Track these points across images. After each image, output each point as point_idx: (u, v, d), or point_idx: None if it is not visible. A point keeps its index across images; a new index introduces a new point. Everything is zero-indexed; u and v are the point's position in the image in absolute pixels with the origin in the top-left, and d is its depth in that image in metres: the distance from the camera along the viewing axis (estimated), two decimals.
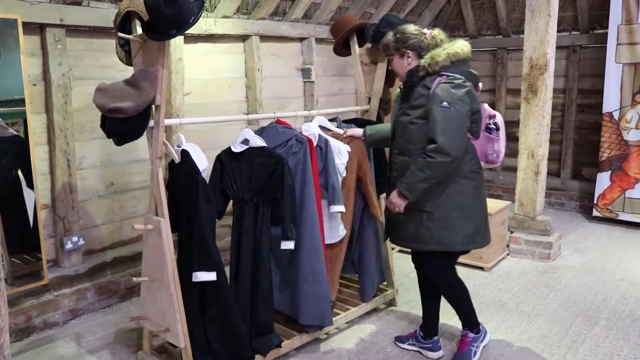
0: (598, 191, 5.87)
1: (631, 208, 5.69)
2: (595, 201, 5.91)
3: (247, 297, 2.95)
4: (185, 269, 2.67)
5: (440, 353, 3.17)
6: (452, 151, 2.64)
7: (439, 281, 3.03)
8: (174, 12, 2.24)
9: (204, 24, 4.15)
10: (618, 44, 5.56)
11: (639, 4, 5.38)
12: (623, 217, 5.74)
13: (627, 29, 5.49)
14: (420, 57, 2.83)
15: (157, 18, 2.27)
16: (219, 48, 4.49)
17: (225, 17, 4.33)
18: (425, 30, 2.87)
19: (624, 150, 5.66)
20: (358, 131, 3.39)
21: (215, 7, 4.25)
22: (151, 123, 2.52)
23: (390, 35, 2.91)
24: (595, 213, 5.94)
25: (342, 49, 3.83)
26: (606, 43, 5.67)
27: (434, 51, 2.77)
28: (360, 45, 3.76)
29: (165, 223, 2.58)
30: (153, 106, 2.49)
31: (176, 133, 3.96)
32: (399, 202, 2.80)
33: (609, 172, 5.77)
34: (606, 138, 5.76)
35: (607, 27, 5.66)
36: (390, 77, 3.78)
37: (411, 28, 2.88)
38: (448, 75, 2.71)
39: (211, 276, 2.62)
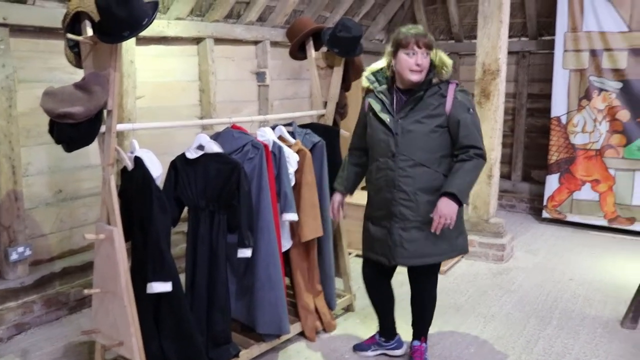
0: (547, 193, 6.04)
1: (578, 209, 5.88)
2: (544, 203, 6.08)
3: (203, 306, 2.88)
4: (139, 279, 2.58)
5: (405, 348, 3.22)
6: (485, 155, 2.73)
7: (432, 293, 3.03)
8: (126, 13, 2.15)
9: (156, 26, 4.05)
10: (565, 51, 5.74)
11: (583, 12, 5.57)
12: (571, 218, 5.93)
13: (572, 37, 5.67)
14: None
15: (108, 19, 2.18)
16: (172, 50, 4.39)
17: (178, 19, 4.24)
18: None
19: (571, 154, 5.84)
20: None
21: (168, 8, 4.15)
22: (103, 128, 2.42)
23: (427, 32, 2.75)
24: (544, 214, 6.10)
25: (298, 52, 3.79)
26: (553, 49, 5.84)
27: (442, 58, 2.74)
28: (316, 49, 3.74)
29: (117, 232, 2.48)
30: (105, 111, 2.40)
31: (128, 138, 3.85)
32: (453, 212, 2.62)
33: (558, 175, 5.95)
34: (554, 141, 5.93)
35: (554, 34, 5.84)
36: (346, 81, 3.77)
37: None
38: (457, 83, 2.76)
39: (166, 287, 2.54)
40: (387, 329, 3.21)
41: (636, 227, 5.59)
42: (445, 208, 2.62)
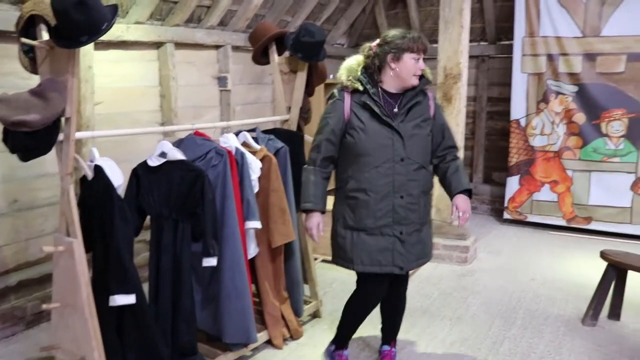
0: (508, 195, 6.15)
1: (538, 210, 6.01)
2: (505, 204, 6.20)
3: (168, 317, 2.81)
4: (100, 292, 2.49)
5: None
6: None
7: (405, 297, 3.09)
8: (85, 18, 2.08)
9: (115, 30, 3.94)
10: (523, 55, 5.86)
11: (540, 18, 5.70)
12: (531, 218, 6.06)
13: (530, 41, 5.80)
14: None
15: (66, 23, 2.10)
16: (131, 55, 4.29)
17: (137, 23, 4.14)
18: None
19: (531, 156, 5.97)
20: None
21: (127, 12, 4.05)
22: (60, 137, 2.34)
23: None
24: (505, 216, 6.22)
25: (261, 57, 3.76)
26: (512, 54, 5.96)
27: None
28: (279, 54, 3.72)
29: (77, 244, 2.39)
30: (62, 118, 2.31)
31: (87, 146, 3.73)
32: (470, 206, 2.80)
33: (518, 177, 6.07)
34: (514, 144, 6.05)
35: (512, 39, 5.96)
36: (309, 86, 3.76)
37: None
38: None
39: (130, 299, 2.46)
40: (349, 339, 3.15)
41: (593, 226, 5.75)
42: (466, 204, 2.76)
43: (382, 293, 2.89)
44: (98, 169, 2.50)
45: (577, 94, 5.65)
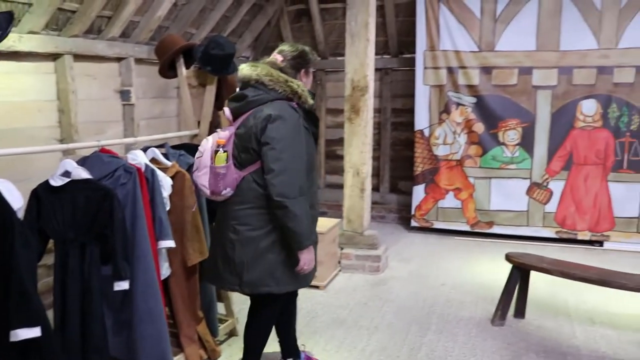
0: (415, 203, 6.35)
1: (443, 217, 6.25)
2: (412, 212, 6.38)
3: (76, 347, 2.62)
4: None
5: None
6: None
7: None
8: None
9: (6, 40, 3.64)
10: (425, 68, 6.09)
11: (440, 33, 5.96)
12: (437, 225, 6.29)
13: (431, 55, 6.04)
14: None
15: None
16: (24, 67, 3.99)
17: (32, 32, 3.87)
18: None
19: (435, 164, 6.20)
20: None
21: (20, 20, 3.77)
22: None
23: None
24: (413, 223, 6.40)
25: (168, 70, 3.65)
26: (414, 66, 6.17)
27: None
28: (186, 67, 3.61)
29: None
30: None
31: None
32: None
33: (423, 185, 6.28)
34: (419, 153, 6.26)
35: (414, 52, 6.18)
36: (219, 100, 3.68)
37: None
38: None
39: (34, 332, 2.25)
40: None
41: (494, 230, 6.06)
42: None
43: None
44: None
45: (476, 105, 5.95)
